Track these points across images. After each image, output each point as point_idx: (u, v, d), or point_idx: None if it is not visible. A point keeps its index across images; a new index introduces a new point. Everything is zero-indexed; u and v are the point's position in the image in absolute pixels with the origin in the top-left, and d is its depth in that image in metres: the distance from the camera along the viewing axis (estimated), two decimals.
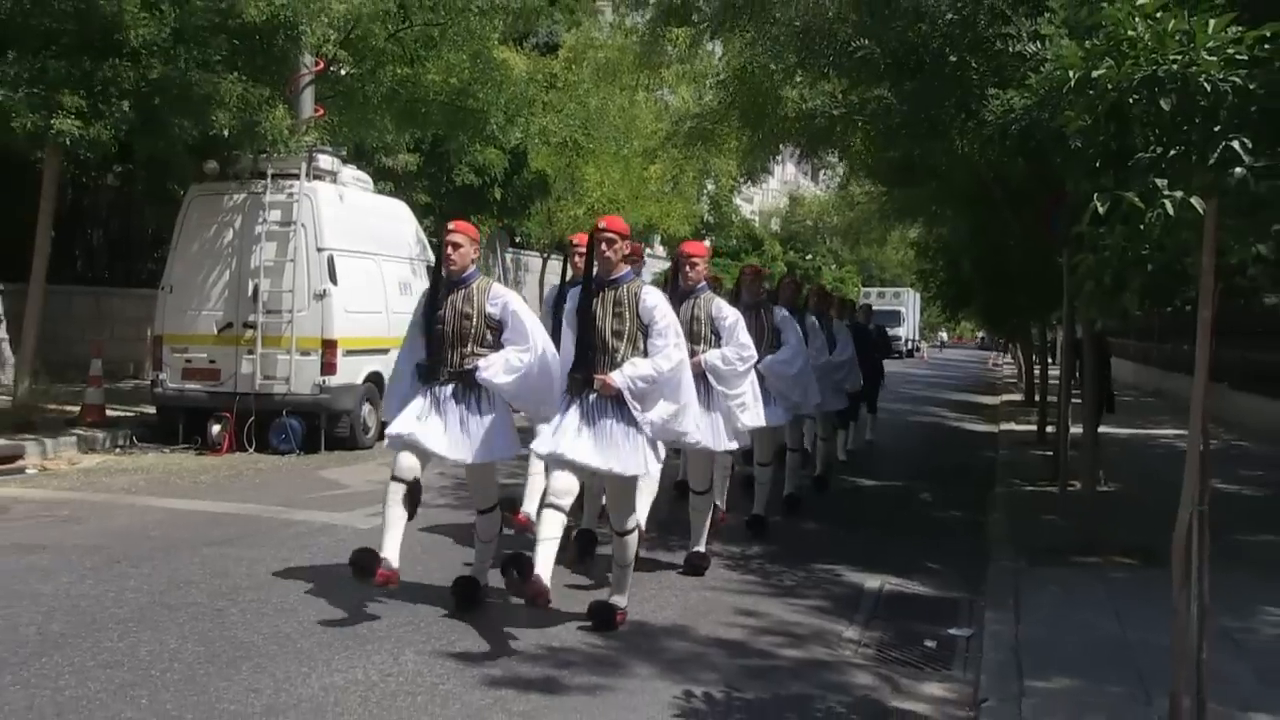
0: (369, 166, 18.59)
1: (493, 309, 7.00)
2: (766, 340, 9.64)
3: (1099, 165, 4.47)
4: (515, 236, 34.26)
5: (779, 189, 64.60)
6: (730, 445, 8.58)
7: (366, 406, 14.71)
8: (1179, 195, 4.03)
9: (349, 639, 6.38)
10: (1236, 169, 4.00)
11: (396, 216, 16.50)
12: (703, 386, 8.08)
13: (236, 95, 12.90)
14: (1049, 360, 20.48)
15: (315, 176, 14.47)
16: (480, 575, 7.42)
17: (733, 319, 8.45)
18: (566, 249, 9.05)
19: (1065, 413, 12.79)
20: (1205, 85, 3.99)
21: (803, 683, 6.26)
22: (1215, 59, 3.99)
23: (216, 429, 13.74)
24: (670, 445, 7.76)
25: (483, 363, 6.87)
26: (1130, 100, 4.17)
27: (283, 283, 13.87)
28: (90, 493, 11.04)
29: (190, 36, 12.67)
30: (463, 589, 7.29)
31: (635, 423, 6.63)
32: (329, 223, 14.09)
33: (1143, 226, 4.09)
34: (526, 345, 6.89)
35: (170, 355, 14.31)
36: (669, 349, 6.70)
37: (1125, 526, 9.50)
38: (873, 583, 8.71)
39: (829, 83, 10.29)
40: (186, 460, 13.26)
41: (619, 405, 6.62)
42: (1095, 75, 4.20)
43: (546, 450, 6.60)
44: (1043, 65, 5.32)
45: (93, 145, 12.64)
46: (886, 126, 9.72)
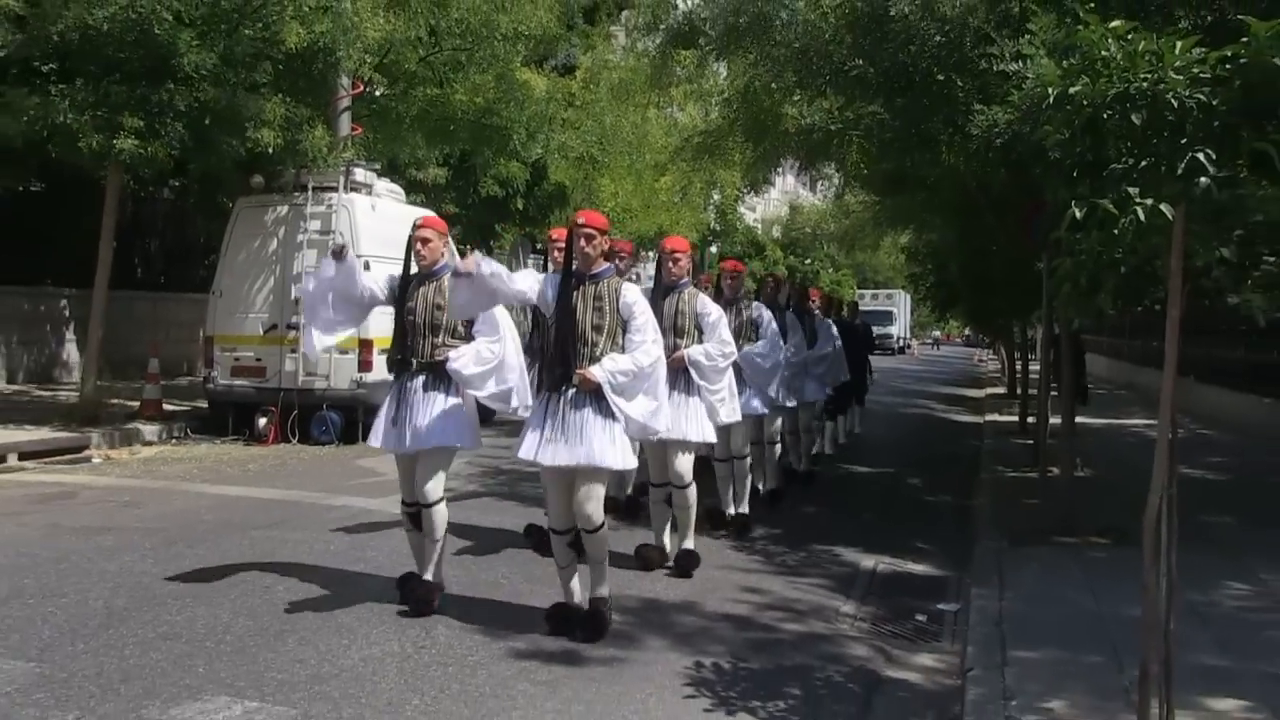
0: (401, 179, 18.59)
1: None
2: (744, 335, 9.32)
3: (1076, 175, 4.46)
4: (536, 244, 34.26)
5: (780, 198, 64.47)
6: (710, 438, 8.15)
7: None
8: (1149, 203, 4.03)
9: (385, 615, 6.40)
10: (1202, 179, 4.00)
11: None
12: (684, 379, 7.91)
13: (280, 115, 12.93)
14: (1029, 356, 20.42)
15: (352, 189, 14.51)
16: (423, 571, 6.73)
17: (716, 315, 8.10)
18: (545, 245, 8.67)
19: (1045, 404, 12.76)
20: (1173, 102, 3.99)
21: (803, 654, 6.28)
22: (1182, 78, 3.98)
23: (263, 422, 13.80)
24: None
25: (453, 354, 6.45)
26: (1104, 115, 4.16)
27: None
28: (149, 480, 11.08)
29: (238, 62, 12.70)
30: (407, 585, 6.75)
31: (613, 416, 6.12)
32: (365, 231, 14.11)
33: (1116, 232, 4.09)
34: (497, 336, 6.48)
35: (220, 354, 14.38)
36: (648, 344, 6.22)
37: (1100, 509, 9.48)
38: (868, 562, 8.72)
39: (826, 100, 10.26)
40: (235, 450, 13.31)
41: (597, 399, 6.11)
42: (1072, 92, 4.20)
43: (524, 457, 6.18)
44: (1024, 83, 5.31)
45: (150, 162, 12.72)
46: (879, 140, 9.70)
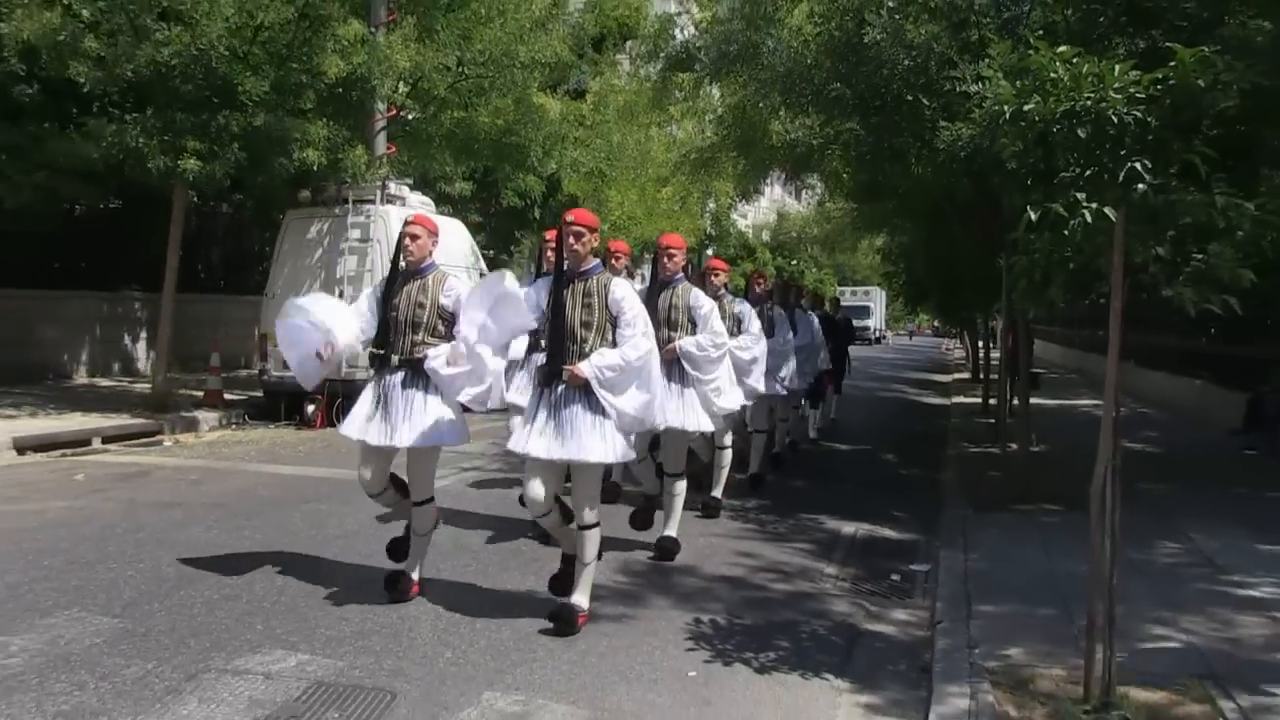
0: (431, 192, 18.58)
1: (446, 300, 6.04)
2: (726, 329, 8.45)
3: (1030, 183, 4.48)
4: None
5: (769, 206, 64.36)
6: (706, 427, 7.57)
7: None
8: (1094, 207, 4.05)
9: (424, 584, 6.42)
10: (1139, 185, 4.03)
11: (454, 233, 16.49)
12: (678, 370, 7.38)
13: (324, 138, 12.95)
14: (991, 345, 20.43)
15: (387, 201, 14.53)
16: (412, 569, 6.22)
17: (707, 308, 7.57)
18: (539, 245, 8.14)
19: (1005, 388, 12.78)
20: (1113, 118, 4.01)
21: (791, 610, 6.30)
22: (1120, 97, 4.00)
23: (311, 409, 13.80)
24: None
25: (432, 352, 5.93)
26: (1054, 130, 4.18)
27: (363, 288, 13.89)
28: (212, 460, 11.11)
29: (286, 91, 12.72)
30: (393, 582, 6.17)
31: (603, 411, 5.59)
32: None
33: (1066, 233, 4.11)
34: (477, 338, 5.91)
35: (273, 350, 14.37)
36: (637, 338, 5.68)
37: (1053, 480, 9.50)
38: (848, 529, 8.73)
39: (808, 118, 10.26)
40: (288, 434, 13.33)
41: (587, 395, 5.59)
42: (1026, 110, 4.21)
43: (516, 450, 5.68)
44: (983, 102, 5.30)
45: (211, 180, 12.77)
46: (856, 154, 9.70)
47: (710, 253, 40.68)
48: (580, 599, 5.77)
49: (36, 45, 11.95)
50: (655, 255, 7.75)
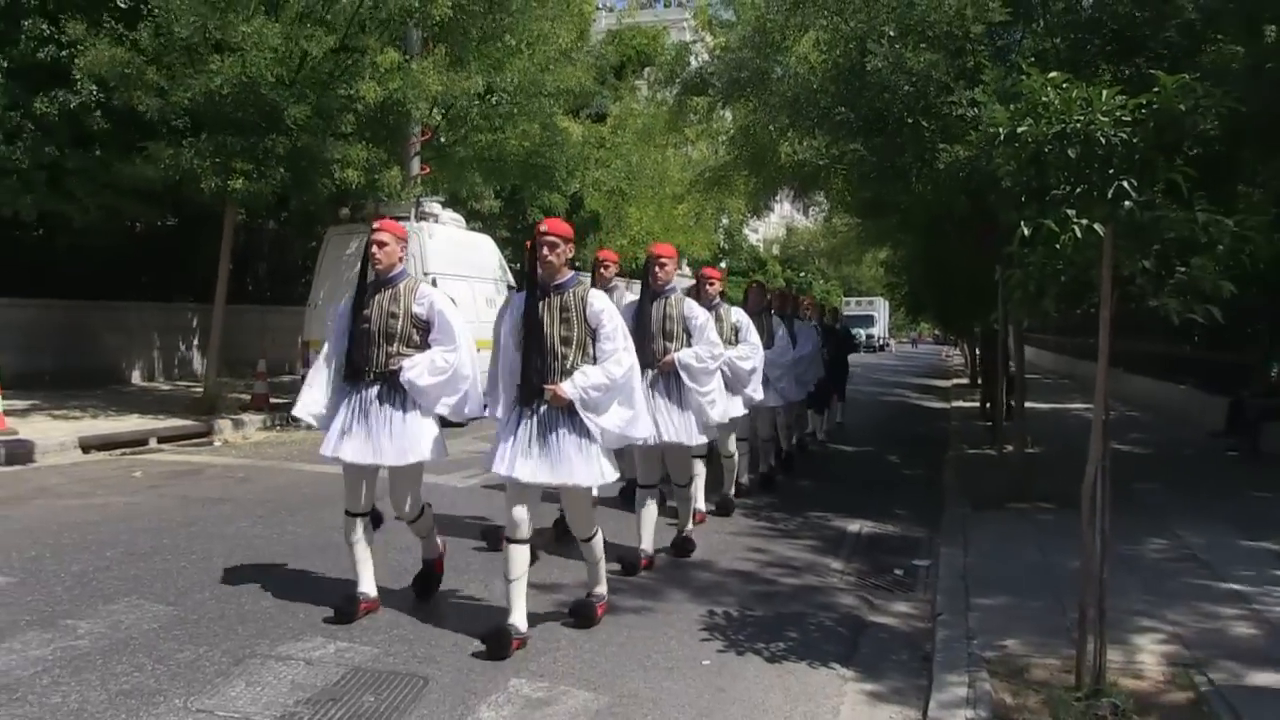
0: (462, 209, 18.66)
1: (419, 309, 5.50)
2: (724, 339, 8.06)
3: (1024, 200, 4.46)
4: (575, 263, 34.26)
5: (778, 221, 64.21)
6: (701, 440, 7.10)
7: None
8: (1085, 223, 4.04)
9: (451, 571, 6.40)
10: (1126, 203, 4.01)
11: (483, 248, 16.56)
12: (675, 383, 6.90)
13: (362, 159, 13.01)
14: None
15: (421, 218, 14.60)
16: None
17: (703, 319, 7.08)
18: (592, 265, 7.79)
19: (1002, 392, 12.72)
20: (1101, 139, 3.99)
21: (800, 603, 6.28)
22: (1108, 119, 3.98)
23: None
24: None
25: (407, 363, 5.42)
26: (1046, 150, 4.17)
27: None
28: (259, 459, 11.16)
29: (328, 115, 12.79)
30: (422, 582, 5.99)
31: (588, 433, 5.14)
32: (432, 253, 14.17)
33: (1058, 247, 4.09)
34: (453, 345, 5.48)
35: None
36: (619, 354, 5.21)
37: (1047, 480, 9.43)
38: (854, 526, 8.70)
39: (814, 139, 10.22)
40: None
41: (571, 415, 5.13)
42: (1019, 131, 4.20)
43: (500, 472, 5.14)
44: (979, 125, 5.30)
45: (258, 199, 12.90)
46: (860, 173, 9.66)
47: (724, 266, 40.64)
48: (599, 589, 5.65)
49: (106, 77, 12.16)
50: (646, 265, 7.16)
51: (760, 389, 8.58)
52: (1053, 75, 4.25)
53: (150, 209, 15.78)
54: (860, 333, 51.68)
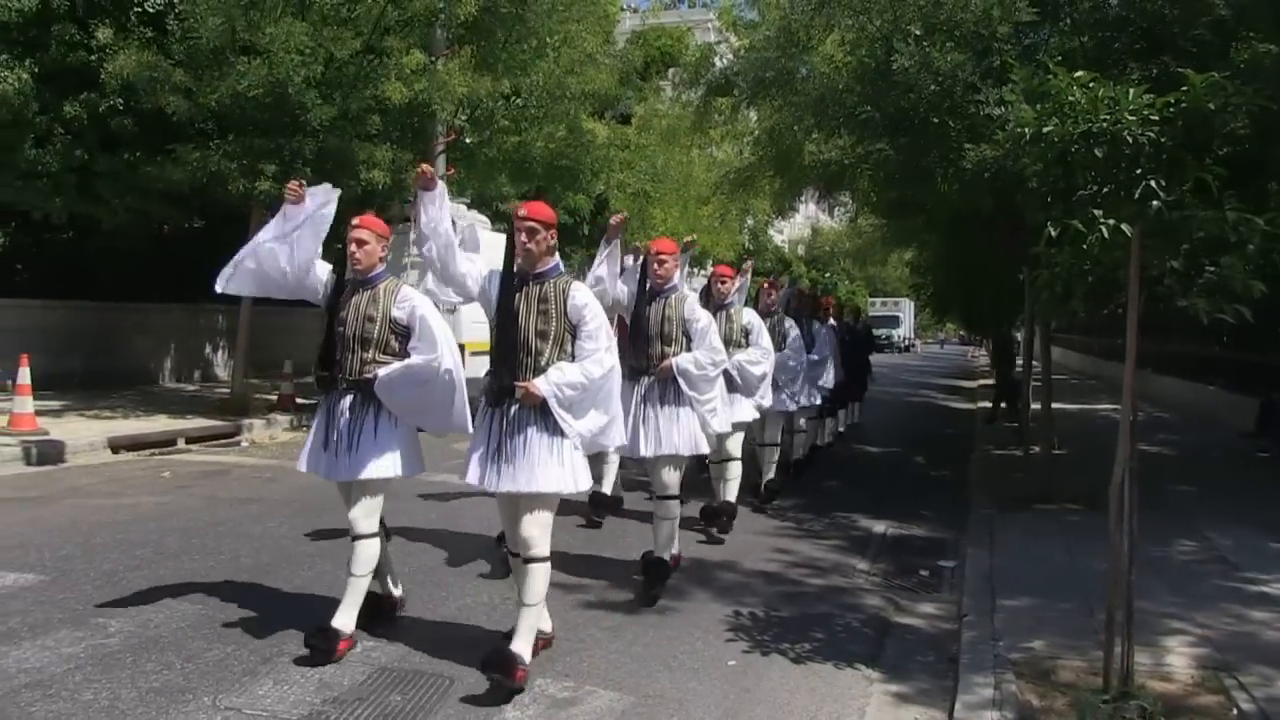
0: (488, 211, 18.72)
1: (399, 313, 5.06)
2: (734, 341, 7.84)
3: (1050, 200, 4.44)
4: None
5: (803, 222, 64.04)
6: (702, 449, 6.53)
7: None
8: (1112, 223, 4.01)
9: (477, 573, 6.45)
10: (1154, 202, 3.98)
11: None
12: (673, 389, 6.37)
13: (388, 160, 13.08)
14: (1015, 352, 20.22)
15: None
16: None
17: (705, 321, 6.53)
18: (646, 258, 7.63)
19: (1028, 393, 12.64)
20: (1129, 138, 3.96)
21: (826, 604, 6.27)
22: (1135, 119, 3.96)
23: None
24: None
25: (382, 372, 4.95)
26: (1072, 150, 4.14)
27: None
28: (285, 460, 11.21)
29: (353, 117, 12.87)
30: (371, 612, 5.33)
31: (561, 434, 4.65)
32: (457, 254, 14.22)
33: (1085, 247, 4.07)
34: (434, 354, 4.95)
35: None
36: (600, 353, 4.71)
37: (1074, 481, 9.39)
38: (879, 527, 8.68)
39: (840, 139, 10.21)
40: None
41: (543, 416, 4.64)
42: (1046, 131, 4.17)
43: (472, 483, 4.76)
44: (1006, 125, 5.27)
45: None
46: (885, 173, 9.65)
47: (749, 264, 40.58)
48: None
49: (134, 81, 12.27)
50: (643, 263, 6.61)
51: (770, 395, 8.34)
52: (1079, 74, 4.22)
53: (177, 211, 15.93)
54: (884, 332, 51.54)
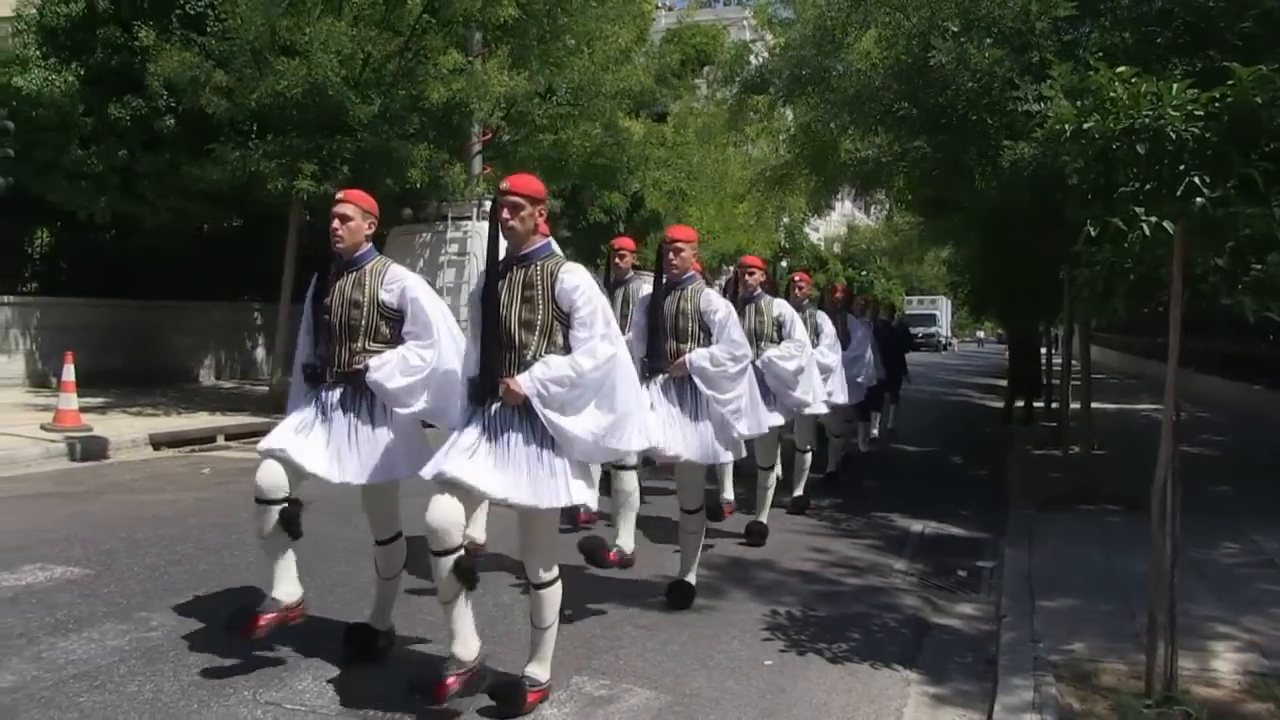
0: None
1: (388, 295, 4.58)
2: (765, 336, 7.33)
3: (1091, 197, 4.39)
4: (636, 263, 34.26)
5: (839, 220, 63.69)
6: (726, 457, 5.90)
7: None
8: (1154, 220, 3.96)
9: (513, 568, 6.44)
10: (1198, 199, 3.92)
11: None
12: (690, 390, 5.73)
13: (425, 158, 13.16)
14: (1052, 351, 20.03)
15: (483, 218, 14.71)
16: (380, 621, 4.94)
17: (724, 313, 5.84)
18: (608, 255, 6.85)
19: (1066, 392, 12.53)
20: (1172, 134, 3.91)
21: (863, 604, 6.24)
22: (1178, 114, 3.90)
23: None
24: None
25: (374, 362, 4.50)
26: (1114, 146, 4.09)
27: (460, 299, 14.10)
28: None
29: (391, 116, 12.96)
30: (358, 638, 4.90)
31: (551, 441, 4.09)
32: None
33: (1126, 245, 4.02)
34: (430, 340, 4.53)
35: None
36: (593, 342, 4.11)
37: (1114, 481, 9.29)
38: (916, 526, 8.64)
39: (876, 137, 10.16)
40: None
41: (529, 418, 4.09)
42: (1086, 128, 4.13)
43: (431, 472, 4.18)
44: (1045, 121, 5.22)
45: (323, 199, 13.02)
46: (922, 171, 9.60)
47: (785, 265, 40.47)
48: (538, 671, 4.37)
49: (175, 81, 12.42)
50: (659, 251, 5.99)
51: (809, 394, 7.71)
52: (1121, 70, 4.17)
53: (218, 210, 16.10)
54: (919, 330, 51.16)
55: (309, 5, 12.33)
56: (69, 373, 11.51)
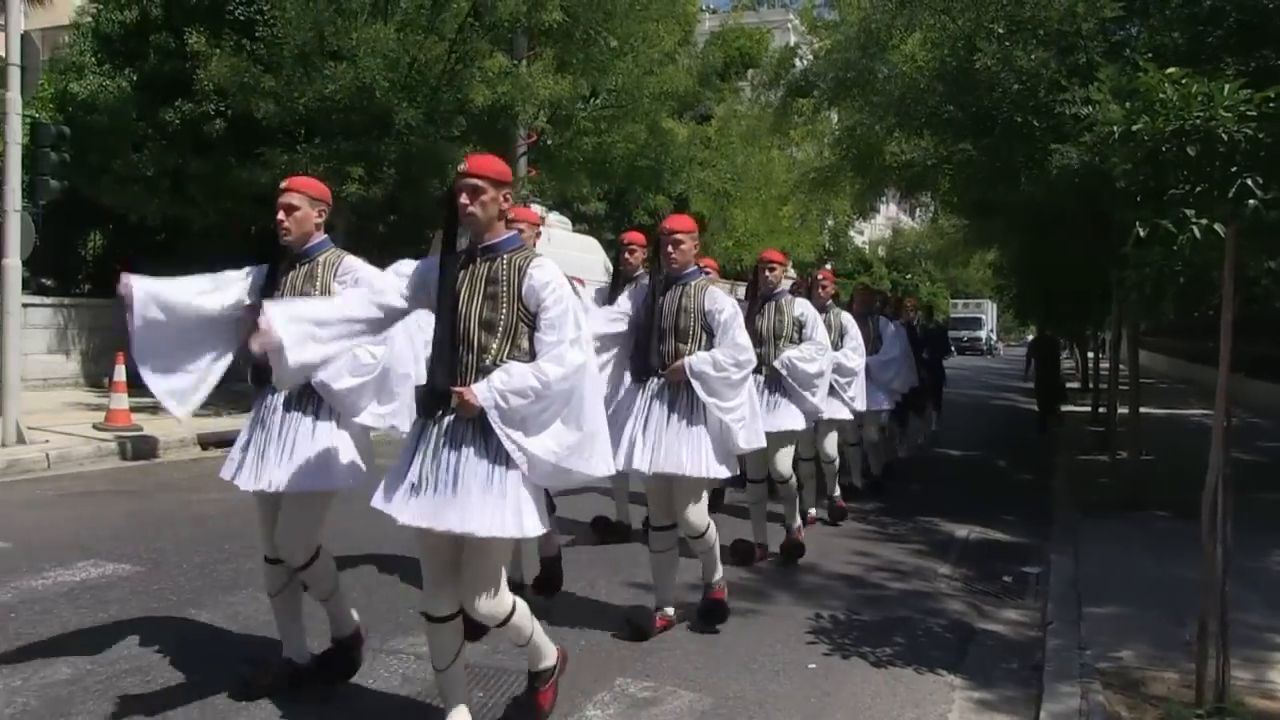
0: (568, 211, 18.86)
1: (341, 288, 4.18)
2: (785, 336, 6.85)
3: (1139, 200, 4.34)
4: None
5: (884, 223, 63.38)
6: (721, 473, 5.23)
7: None
8: (1204, 223, 3.91)
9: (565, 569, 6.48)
10: (1250, 201, 3.87)
11: (589, 249, 16.72)
12: (687, 396, 5.20)
13: None
14: (1100, 356, 19.80)
15: None
16: (342, 630, 4.56)
17: (729, 313, 5.24)
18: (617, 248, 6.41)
19: (1114, 397, 12.38)
20: (1224, 135, 3.86)
21: (907, 608, 6.20)
22: (1231, 115, 3.85)
23: None
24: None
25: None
26: (1163, 148, 4.04)
27: None
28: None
29: (438, 119, 13.07)
30: (332, 665, 4.58)
31: (507, 459, 3.55)
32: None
33: (1175, 248, 3.97)
34: (382, 336, 4.08)
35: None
36: (562, 348, 3.56)
37: (1162, 487, 9.17)
38: (961, 531, 8.57)
39: (922, 139, 10.12)
40: None
41: (485, 433, 3.56)
42: (1135, 130, 4.08)
43: (377, 507, 3.74)
44: (1092, 124, 5.17)
45: (370, 202, 13.19)
46: (968, 174, 9.54)
47: (829, 267, 40.28)
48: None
49: (225, 86, 12.61)
50: (659, 244, 5.39)
51: (827, 400, 7.20)
52: (1171, 70, 4.12)
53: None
54: (964, 334, 50.66)
55: (356, 10, 12.46)
56: (120, 373, 11.71)
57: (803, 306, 7.05)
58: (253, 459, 4.17)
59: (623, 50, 15.29)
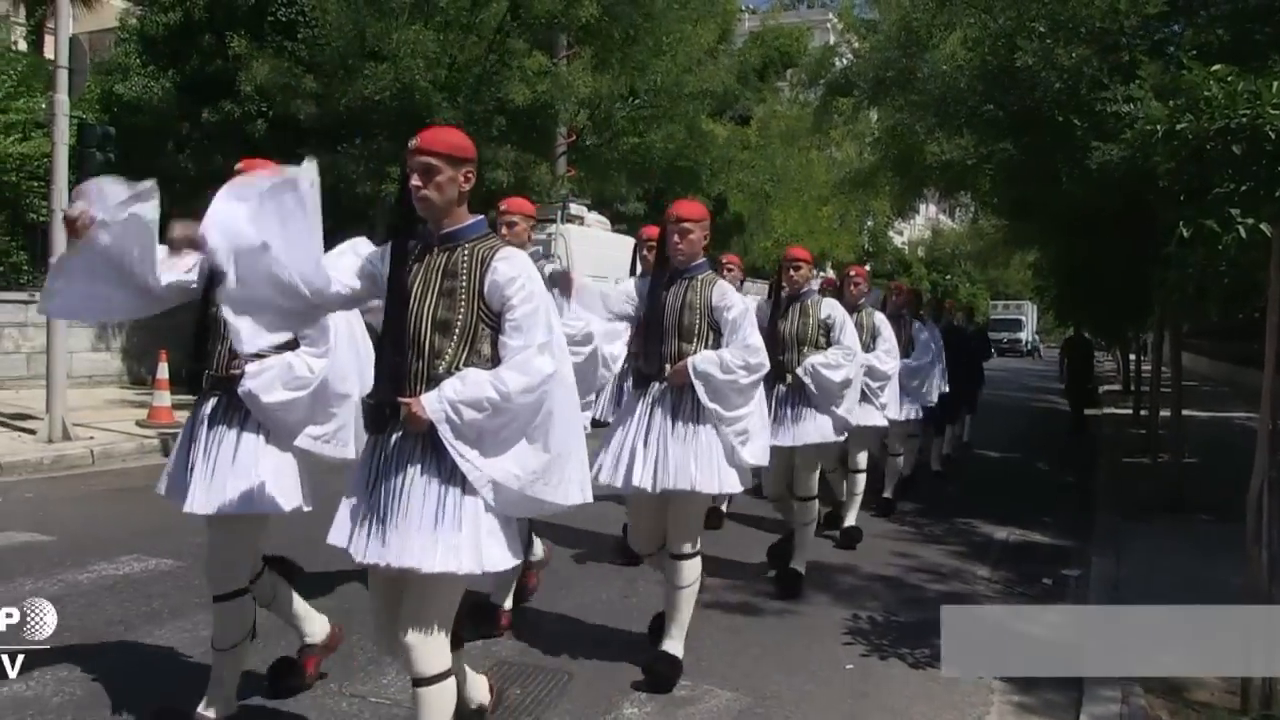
0: (607, 211, 18.88)
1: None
2: (810, 340, 6.21)
3: (1183, 199, 4.30)
4: (723, 269, 34.18)
5: (924, 223, 62.94)
6: (732, 488, 4.68)
7: None
8: (1250, 222, 3.87)
9: (599, 572, 6.47)
10: None
11: (628, 249, 16.69)
12: (690, 401, 4.60)
13: (511, 160, 13.34)
14: (1141, 357, 19.58)
15: (567, 220, 14.84)
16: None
17: (739, 310, 4.68)
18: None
19: (1156, 399, 12.24)
20: (1270, 133, 3.81)
21: None
22: (1278, 112, 3.80)
23: None
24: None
25: (251, 368, 3.63)
26: (1208, 147, 4.01)
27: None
28: None
29: (478, 118, 13.15)
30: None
31: (463, 482, 3.04)
32: (578, 255, 14.41)
33: (1220, 248, 3.93)
34: (325, 347, 3.71)
35: None
36: (527, 354, 3.04)
37: (1205, 490, 9.05)
38: (1001, 533, 8.51)
39: (962, 139, 10.04)
40: None
41: (435, 451, 3.05)
42: (1178, 128, 4.05)
43: (334, 544, 3.20)
44: (1134, 122, 5.13)
45: None
46: (1008, 173, 9.47)
47: (869, 269, 40.11)
48: None
49: (266, 86, 12.75)
50: (661, 232, 4.90)
51: (855, 410, 6.51)
52: (1216, 68, 4.08)
53: None
54: (1004, 336, 50.13)
55: (397, 10, 12.57)
56: (163, 370, 11.87)
57: (830, 307, 6.39)
58: (178, 475, 3.82)
59: (661, 49, 15.31)
